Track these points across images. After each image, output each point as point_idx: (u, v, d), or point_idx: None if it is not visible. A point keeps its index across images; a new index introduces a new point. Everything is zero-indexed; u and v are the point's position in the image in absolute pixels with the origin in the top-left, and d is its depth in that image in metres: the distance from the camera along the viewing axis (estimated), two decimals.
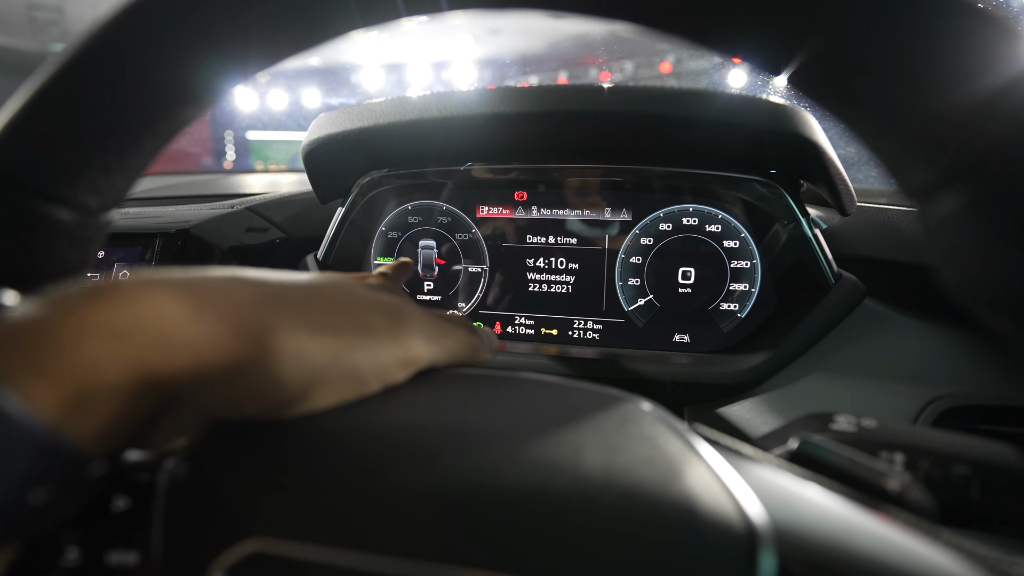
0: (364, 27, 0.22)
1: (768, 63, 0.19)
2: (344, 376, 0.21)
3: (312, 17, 0.22)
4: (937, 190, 0.18)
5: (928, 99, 0.17)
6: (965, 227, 0.18)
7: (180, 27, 0.21)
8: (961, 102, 0.16)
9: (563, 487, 0.17)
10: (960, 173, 0.17)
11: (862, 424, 0.26)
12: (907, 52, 0.17)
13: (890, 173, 0.19)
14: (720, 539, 0.16)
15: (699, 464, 0.18)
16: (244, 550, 0.17)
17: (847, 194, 0.52)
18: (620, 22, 0.20)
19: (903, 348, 0.50)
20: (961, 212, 0.17)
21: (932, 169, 0.18)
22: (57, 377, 0.15)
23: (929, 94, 0.17)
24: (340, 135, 0.52)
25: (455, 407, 0.21)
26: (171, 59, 0.22)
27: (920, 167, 0.18)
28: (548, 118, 0.48)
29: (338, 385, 0.21)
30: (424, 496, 0.17)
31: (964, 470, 0.24)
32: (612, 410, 0.21)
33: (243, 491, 0.18)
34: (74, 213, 0.24)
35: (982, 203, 0.17)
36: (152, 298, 0.17)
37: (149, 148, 0.25)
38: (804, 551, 0.16)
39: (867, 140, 0.19)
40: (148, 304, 0.17)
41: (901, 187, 0.19)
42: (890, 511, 0.19)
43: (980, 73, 0.16)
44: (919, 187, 0.18)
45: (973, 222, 0.17)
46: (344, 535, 0.17)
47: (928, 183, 0.18)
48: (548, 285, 0.60)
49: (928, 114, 0.17)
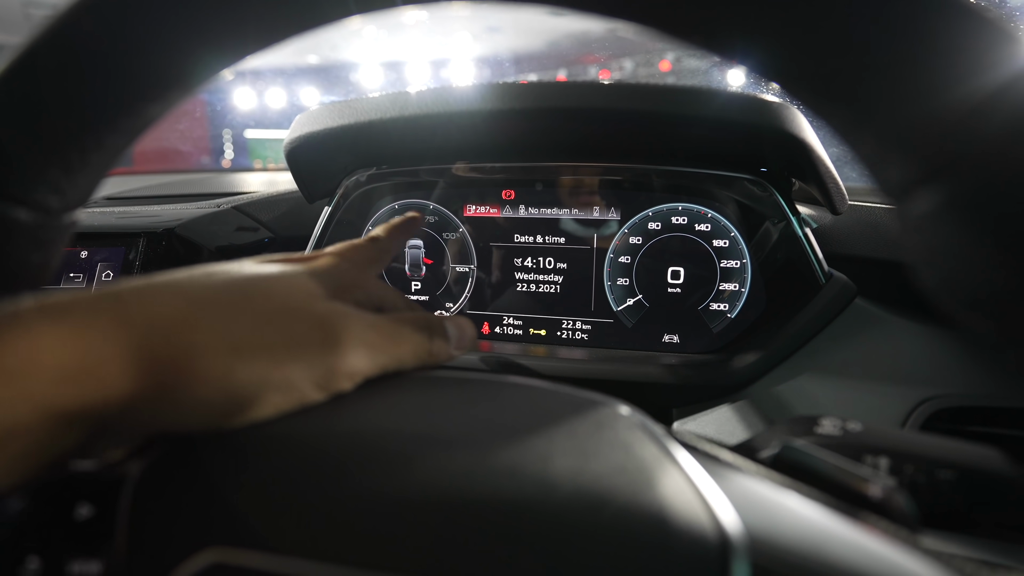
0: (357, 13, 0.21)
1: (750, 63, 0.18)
2: (278, 389, 0.20)
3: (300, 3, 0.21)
4: (914, 188, 0.17)
5: (905, 96, 0.16)
6: (943, 226, 0.17)
7: (142, 15, 0.20)
8: (939, 99, 0.16)
9: (529, 495, 0.17)
10: (937, 171, 0.17)
11: (847, 428, 0.25)
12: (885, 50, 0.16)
13: (868, 170, 0.19)
14: (692, 549, 0.16)
15: (674, 471, 0.18)
16: (204, 560, 0.16)
17: (838, 193, 0.51)
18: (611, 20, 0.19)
19: (894, 348, 0.50)
20: (939, 211, 0.17)
21: (909, 167, 0.17)
22: None
23: (907, 92, 0.16)
24: (323, 132, 0.51)
25: (422, 411, 0.21)
26: (132, 51, 0.21)
27: (897, 164, 0.18)
28: (534, 115, 0.48)
29: (273, 398, 0.20)
30: (385, 505, 0.17)
31: (948, 475, 0.23)
32: (588, 414, 0.21)
33: (202, 500, 0.18)
34: (33, 213, 0.24)
35: (960, 202, 0.17)
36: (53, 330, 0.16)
37: (113, 145, 0.24)
38: (779, 562, 0.16)
39: (845, 136, 0.19)
40: (47, 338, 0.16)
41: (878, 185, 0.19)
42: (871, 519, 0.19)
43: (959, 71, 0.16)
44: (896, 185, 0.18)
45: (951, 221, 0.17)
46: (304, 545, 0.16)
47: (905, 181, 0.18)
48: (536, 285, 0.60)
49: (905, 111, 0.17)
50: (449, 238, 0.61)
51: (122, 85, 0.22)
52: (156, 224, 0.61)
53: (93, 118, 0.23)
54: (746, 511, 0.17)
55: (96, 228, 0.61)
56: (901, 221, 0.19)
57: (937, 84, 0.16)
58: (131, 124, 0.24)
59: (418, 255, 0.62)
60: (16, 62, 0.21)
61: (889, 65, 0.16)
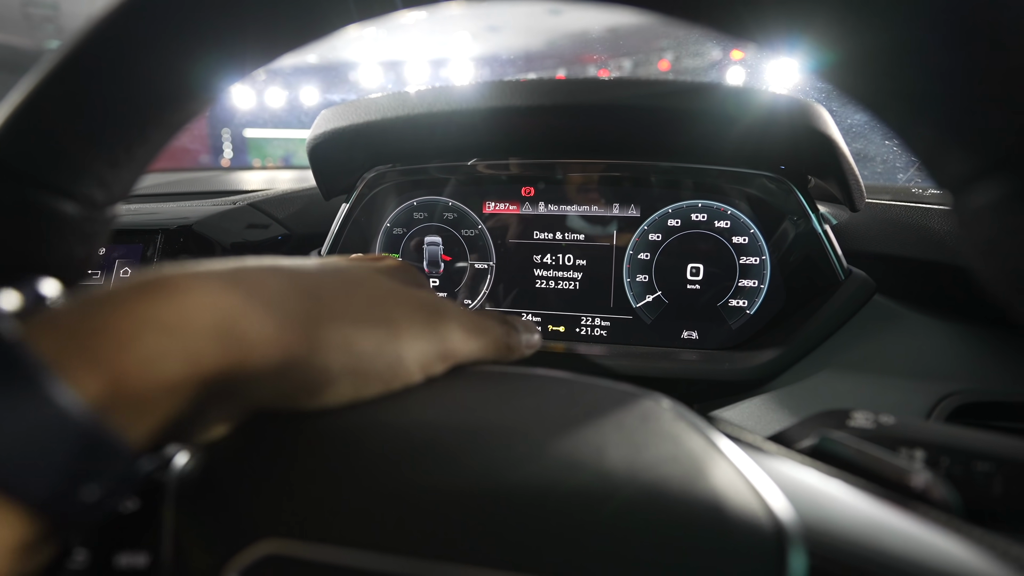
0: (363, 20, 0.22)
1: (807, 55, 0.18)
2: (389, 366, 0.21)
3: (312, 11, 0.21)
4: (974, 179, 0.17)
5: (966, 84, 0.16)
6: (1004, 218, 0.17)
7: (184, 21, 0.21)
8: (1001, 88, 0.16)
9: (587, 485, 0.17)
10: (999, 161, 0.17)
11: (880, 420, 0.25)
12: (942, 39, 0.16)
13: (924, 163, 0.19)
14: (748, 538, 0.16)
15: (723, 461, 0.18)
16: (259, 552, 0.16)
17: (858, 189, 0.52)
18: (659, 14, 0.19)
19: (914, 344, 0.50)
20: (1000, 202, 0.17)
21: (969, 157, 0.17)
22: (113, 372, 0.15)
23: (967, 81, 0.16)
24: (345, 130, 0.51)
25: (472, 405, 0.21)
26: (175, 53, 0.22)
27: (956, 155, 0.18)
28: (556, 112, 0.48)
29: (384, 375, 0.21)
30: (442, 495, 0.17)
31: (986, 467, 0.23)
32: (632, 407, 0.21)
33: (257, 492, 0.18)
34: (80, 207, 0.24)
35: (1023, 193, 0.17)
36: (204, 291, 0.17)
37: (156, 140, 0.25)
38: (835, 550, 0.16)
39: (899, 129, 0.19)
40: (201, 297, 0.17)
41: (935, 177, 0.19)
42: (915, 507, 0.19)
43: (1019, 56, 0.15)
44: (956, 178, 0.18)
45: (1013, 212, 0.17)
46: (361, 536, 0.16)
47: (965, 172, 0.18)
48: (555, 281, 0.60)
49: (966, 101, 0.17)
50: (468, 235, 0.61)
51: (166, 82, 0.22)
52: (173, 220, 0.61)
53: (139, 114, 0.23)
54: (797, 500, 0.17)
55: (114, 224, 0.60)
56: (959, 214, 0.19)
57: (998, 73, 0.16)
58: (173, 119, 0.24)
59: (436, 252, 0.62)
60: (66, 60, 0.21)
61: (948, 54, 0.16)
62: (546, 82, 0.48)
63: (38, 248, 0.23)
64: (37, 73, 0.21)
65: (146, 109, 0.23)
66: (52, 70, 0.21)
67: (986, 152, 0.17)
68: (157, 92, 0.23)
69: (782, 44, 0.18)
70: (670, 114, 0.48)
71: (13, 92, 0.22)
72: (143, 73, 0.22)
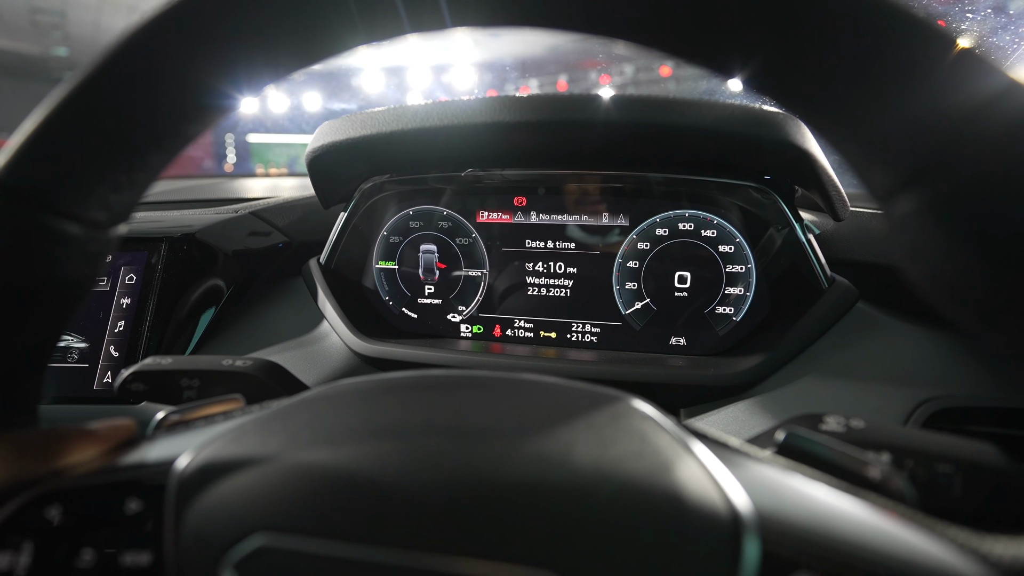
0: (369, 42, 0.23)
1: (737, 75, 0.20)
2: None
3: (317, 35, 0.22)
4: (897, 191, 0.19)
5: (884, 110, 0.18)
6: (923, 226, 0.19)
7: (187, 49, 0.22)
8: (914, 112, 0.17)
9: (554, 480, 0.18)
10: (916, 175, 0.18)
11: (851, 424, 0.26)
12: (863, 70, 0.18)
13: (855, 175, 0.21)
14: (706, 527, 0.17)
15: (687, 456, 0.19)
16: (252, 544, 0.18)
17: (839, 200, 0.53)
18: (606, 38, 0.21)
19: (895, 351, 0.51)
20: (919, 212, 0.18)
21: (891, 172, 0.19)
22: None
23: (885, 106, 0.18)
24: (344, 143, 0.53)
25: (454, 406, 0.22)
26: (178, 79, 0.23)
27: (880, 171, 0.19)
28: (547, 127, 0.49)
29: None
30: (422, 491, 0.18)
31: (947, 468, 0.24)
32: (604, 407, 0.22)
33: (249, 488, 0.19)
34: (84, 228, 0.25)
35: (935, 203, 0.18)
36: None
37: (156, 164, 0.26)
38: (787, 536, 0.17)
39: (836, 146, 0.20)
40: None
41: (865, 188, 0.20)
42: (872, 497, 0.20)
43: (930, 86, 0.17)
44: (881, 189, 0.20)
45: (929, 220, 0.18)
46: (345, 528, 0.18)
47: (888, 185, 0.19)
48: (547, 289, 0.61)
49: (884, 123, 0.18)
50: (462, 243, 0.63)
51: (167, 109, 0.23)
52: (177, 228, 0.62)
53: (141, 140, 0.24)
54: (755, 492, 0.18)
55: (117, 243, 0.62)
56: (887, 222, 0.20)
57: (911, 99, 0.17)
58: (173, 143, 0.25)
59: (432, 260, 0.63)
60: (73, 92, 0.22)
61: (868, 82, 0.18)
62: (538, 98, 0.50)
63: (44, 268, 0.24)
64: (45, 103, 0.23)
65: (148, 135, 0.24)
66: (59, 100, 0.22)
67: (902, 168, 0.18)
68: (159, 119, 0.24)
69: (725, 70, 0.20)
70: (658, 129, 0.49)
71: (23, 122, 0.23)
72: (147, 102, 0.23)
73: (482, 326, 0.63)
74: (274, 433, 0.21)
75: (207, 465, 0.21)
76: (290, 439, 0.21)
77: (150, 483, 0.21)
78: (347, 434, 0.20)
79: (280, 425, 0.21)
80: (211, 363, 0.37)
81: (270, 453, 0.20)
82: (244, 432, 0.22)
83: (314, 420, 0.22)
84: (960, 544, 0.17)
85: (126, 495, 0.22)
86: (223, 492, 0.20)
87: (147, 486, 0.21)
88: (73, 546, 0.21)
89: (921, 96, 0.17)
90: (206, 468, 0.21)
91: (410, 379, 0.24)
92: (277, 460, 0.20)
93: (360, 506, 0.18)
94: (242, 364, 0.37)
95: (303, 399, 0.23)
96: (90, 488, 0.22)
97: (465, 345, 0.61)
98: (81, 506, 0.22)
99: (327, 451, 0.20)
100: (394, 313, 0.66)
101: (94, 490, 0.22)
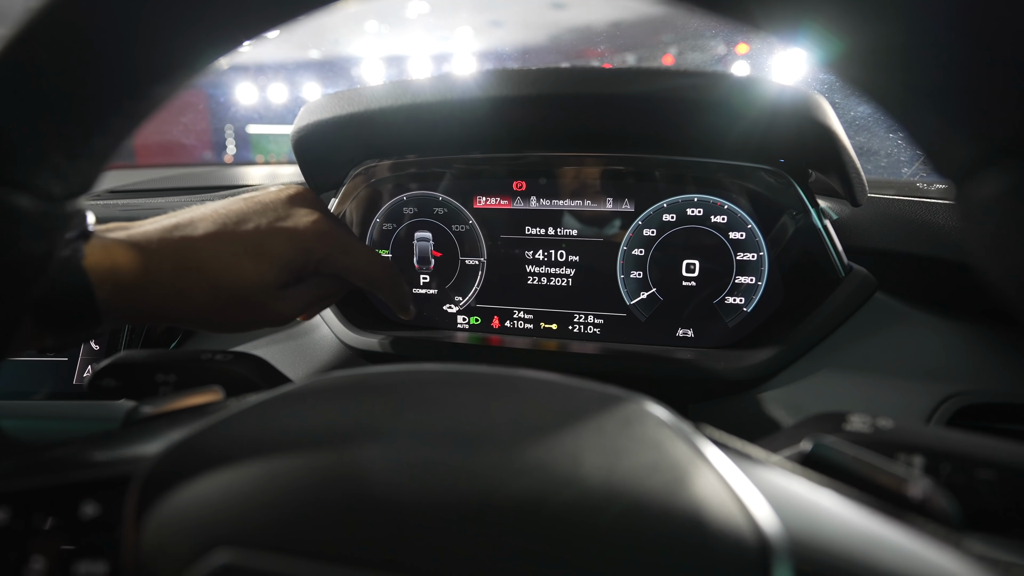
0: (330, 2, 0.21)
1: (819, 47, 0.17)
2: None
3: None
4: (979, 169, 0.16)
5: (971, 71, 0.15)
6: (1010, 209, 0.16)
7: None
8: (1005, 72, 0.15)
9: (562, 497, 0.16)
10: (1005, 148, 0.16)
11: (878, 424, 0.25)
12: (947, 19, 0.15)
13: (926, 152, 0.18)
14: (731, 552, 0.15)
15: (707, 470, 0.17)
16: (215, 561, 0.16)
17: (859, 184, 0.50)
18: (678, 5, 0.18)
19: (916, 343, 0.49)
20: (1006, 192, 0.16)
21: (975, 145, 0.16)
22: None
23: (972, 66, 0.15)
24: (330, 121, 0.50)
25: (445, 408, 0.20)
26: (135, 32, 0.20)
27: (961, 143, 0.16)
28: (548, 101, 0.46)
29: None
30: (403, 506, 0.16)
31: (988, 474, 0.23)
32: (614, 410, 0.20)
33: (213, 500, 0.17)
34: (36, 200, 0.23)
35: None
36: None
37: (118, 130, 0.24)
38: (822, 564, 0.15)
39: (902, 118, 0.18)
40: None
41: (938, 168, 0.18)
42: (913, 520, 0.18)
43: None
44: (960, 166, 0.17)
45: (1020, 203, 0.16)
46: (321, 547, 0.16)
47: (970, 161, 0.17)
48: (547, 278, 0.59)
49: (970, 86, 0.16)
50: (458, 230, 0.60)
51: (126, 66, 0.21)
52: None
53: (97, 101, 0.22)
54: (784, 511, 0.17)
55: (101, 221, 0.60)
56: (963, 205, 0.18)
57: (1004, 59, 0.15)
58: (136, 108, 0.23)
59: (427, 248, 0.61)
60: (14, 43, 0.20)
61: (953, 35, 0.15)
62: (537, 71, 0.47)
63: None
64: None
65: (104, 96, 0.22)
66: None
67: (991, 139, 0.16)
68: (116, 77, 0.21)
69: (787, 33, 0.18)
70: (670, 104, 0.47)
71: None
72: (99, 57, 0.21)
73: (480, 317, 0.61)
74: (245, 433, 0.19)
75: (171, 468, 0.19)
76: (261, 441, 0.19)
77: (111, 484, 0.20)
78: (324, 439, 0.18)
79: (253, 424, 0.20)
80: (188, 357, 0.35)
81: (239, 456, 0.18)
82: (215, 431, 0.20)
83: (289, 420, 0.20)
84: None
85: (83, 497, 0.20)
86: (186, 499, 0.18)
87: (106, 488, 0.20)
88: (22, 553, 0.19)
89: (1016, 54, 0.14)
90: (170, 471, 0.19)
91: (397, 374, 0.22)
92: (246, 465, 0.18)
93: (335, 522, 0.16)
94: (222, 358, 0.36)
95: (280, 395, 0.21)
96: (42, 489, 0.20)
97: (462, 337, 0.59)
98: (32, 508, 0.20)
99: (300, 457, 0.18)
100: None
101: (47, 491, 0.20)
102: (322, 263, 0.42)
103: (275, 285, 0.40)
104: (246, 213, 0.40)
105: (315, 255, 0.41)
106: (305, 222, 0.41)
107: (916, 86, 0.16)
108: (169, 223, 0.39)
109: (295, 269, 0.41)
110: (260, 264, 0.39)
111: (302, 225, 0.41)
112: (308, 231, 0.41)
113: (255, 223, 0.40)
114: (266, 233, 0.40)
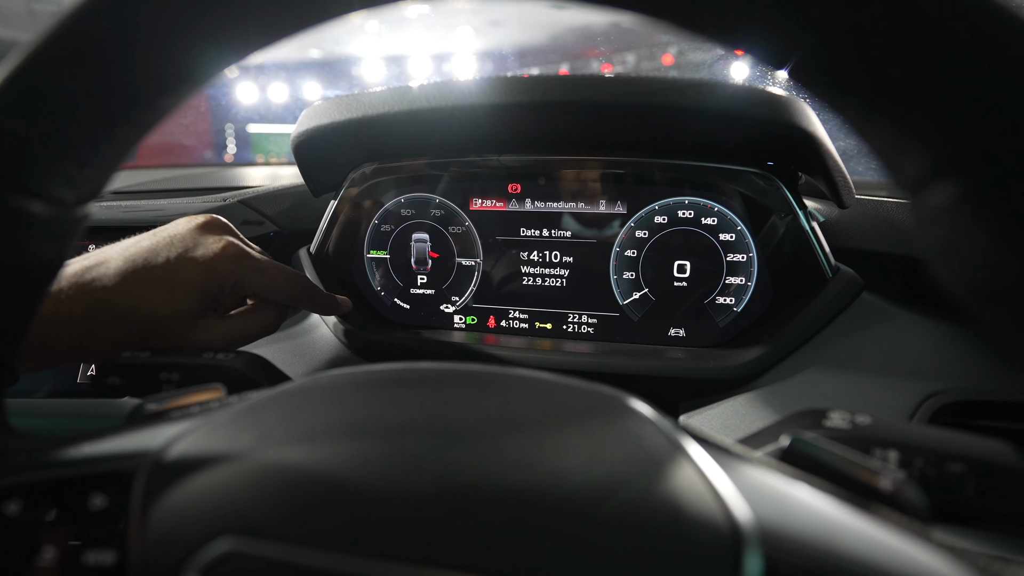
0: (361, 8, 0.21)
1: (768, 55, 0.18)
2: None
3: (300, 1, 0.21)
4: (931, 180, 0.17)
5: (922, 85, 0.16)
6: (959, 219, 0.17)
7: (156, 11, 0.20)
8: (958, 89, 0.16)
9: (541, 486, 0.17)
10: (955, 162, 0.16)
11: (856, 421, 0.25)
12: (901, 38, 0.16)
13: (882, 162, 0.19)
14: (704, 540, 0.16)
15: (684, 462, 0.18)
16: (218, 548, 0.17)
17: (845, 186, 0.51)
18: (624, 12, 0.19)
19: (901, 342, 0.49)
20: (955, 203, 0.17)
21: (926, 158, 0.17)
22: None
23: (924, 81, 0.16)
24: (330, 126, 0.51)
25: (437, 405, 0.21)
26: (145, 46, 0.21)
27: (913, 156, 0.17)
28: (539, 108, 0.47)
29: None
30: (399, 497, 0.17)
31: (959, 468, 0.23)
32: (597, 406, 0.21)
33: (217, 489, 0.18)
34: (48, 206, 0.24)
35: (978, 193, 0.16)
36: None
37: (126, 139, 0.25)
38: (792, 552, 0.16)
39: (859, 128, 0.19)
40: None
41: (894, 177, 0.19)
42: (882, 511, 0.19)
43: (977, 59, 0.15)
44: (912, 177, 0.18)
45: (968, 213, 0.17)
46: (320, 536, 0.16)
47: (921, 172, 0.17)
48: (542, 279, 0.60)
49: (922, 100, 0.16)
50: (455, 231, 0.61)
51: (135, 79, 0.22)
52: (162, 217, 0.61)
53: (107, 112, 0.23)
54: (757, 502, 0.17)
55: (103, 222, 0.61)
56: (916, 214, 0.18)
57: (955, 74, 0.15)
58: (144, 117, 0.24)
59: (424, 249, 0.62)
60: (30, 57, 0.21)
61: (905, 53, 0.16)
62: (530, 80, 0.48)
63: (4, 249, 0.23)
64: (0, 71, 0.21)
65: (114, 108, 0.23)
66: (15, 68, 0.21)
67: (941, 153, 0.17)
68: (125, 90, 0.22)
69: (742, 42, 0.18)
70: (659, 110, 0.48)
71: None
72: (110, 72, 0.21)
73: (476, 317, 0.62)
74: (247, 428, 0.20)
75: (176, 460, 0.20)
76: (263, 435, 0.19)
77: (117, 477, 0.20)
78: (322, 432, 0.19)
79: (254, 419, 0.20)
80: (191, 356, 0.36)
81: (241, 450, 0.19)
82: (217, 425, 0.21)
83: (289, 415, 0.20)
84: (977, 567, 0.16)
85: (91, 489, 0.21)
86: (191, 490, 0.19)
87: (114, 480, 0.20)
88: (33, 543, 0.20)
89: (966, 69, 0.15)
90: (175, 463, 0.19)
91: (393, 372, 0.23)
92: (248, 458, 0.19)
93: (332, 511, 0.17)
94: (223, 357, 0.36)
95: (280, 392, 0.22)
96: (53, 481, 0.21)
97: (459, 336, 0.60)
98: (43, 500, 0.21)
99: (299, 450, 0.19)
100: (386, 304, 0.64)
101: (58, 483, 0.21)
102: (237, 286, 0.43)
103: (190, 315, 0.41)
104: (156, 247, 0.41)
105: (228, 279, 0.42)
106: (214, 248, 0.42)
107: (870, 97, 0.17)
108: (81, 266, 0.39)
109: (209, 295, 0.41)
110: (173, 296, 0.40)
111: (212, 252, 0.41)
112: (218, 257, 0.41)
113: (165, 255, 0.40)
114: (176, 264, 0.40)
